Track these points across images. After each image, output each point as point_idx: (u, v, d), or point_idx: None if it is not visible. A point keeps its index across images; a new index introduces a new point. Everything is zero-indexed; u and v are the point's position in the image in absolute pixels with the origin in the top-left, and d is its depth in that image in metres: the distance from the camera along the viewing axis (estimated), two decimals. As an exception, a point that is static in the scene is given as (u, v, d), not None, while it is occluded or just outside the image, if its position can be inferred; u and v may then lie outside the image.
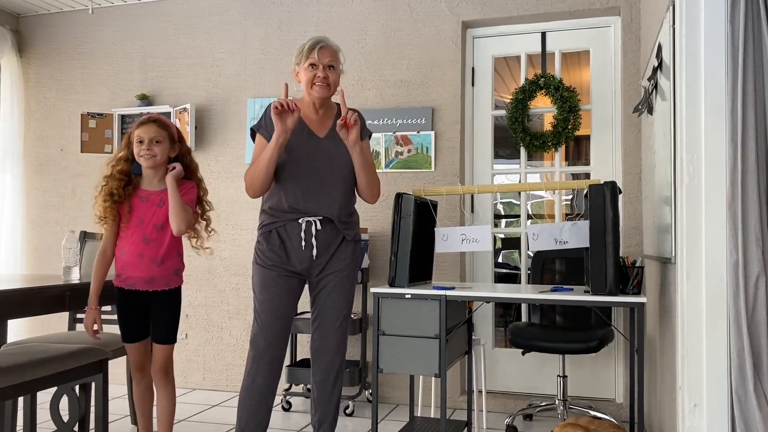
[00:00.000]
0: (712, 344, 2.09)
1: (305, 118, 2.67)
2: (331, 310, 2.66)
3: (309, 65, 2.60)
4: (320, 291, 2.68)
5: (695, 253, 2.13)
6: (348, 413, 3.86)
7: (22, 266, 4.89)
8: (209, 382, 4.52)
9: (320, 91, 2.60)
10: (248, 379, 2.59)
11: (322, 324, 2.67)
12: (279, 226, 2.62)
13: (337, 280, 2.66)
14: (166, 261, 2.67)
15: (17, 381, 2.20)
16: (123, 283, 2.67)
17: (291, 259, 2.62)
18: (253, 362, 2.58)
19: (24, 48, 5.06)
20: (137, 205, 2.65)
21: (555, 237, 2.67)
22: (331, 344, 2.67)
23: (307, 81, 2.61)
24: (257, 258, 2.65)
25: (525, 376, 4.11)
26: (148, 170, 2.67)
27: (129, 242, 2.64)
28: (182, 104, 4.62)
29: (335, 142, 2.65)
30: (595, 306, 2.57)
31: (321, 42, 2.62)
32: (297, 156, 2.60)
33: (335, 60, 2.65)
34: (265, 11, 4.54)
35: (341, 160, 2.64)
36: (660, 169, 2.79)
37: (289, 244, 2.61)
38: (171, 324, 2.72)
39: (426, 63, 4.20)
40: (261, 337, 2.59)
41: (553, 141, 4.03)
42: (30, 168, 4.99)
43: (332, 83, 2.63)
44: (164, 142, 2.65)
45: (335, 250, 2.65)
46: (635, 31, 3.84)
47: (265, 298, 2.60)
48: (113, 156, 2.70)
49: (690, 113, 2.15)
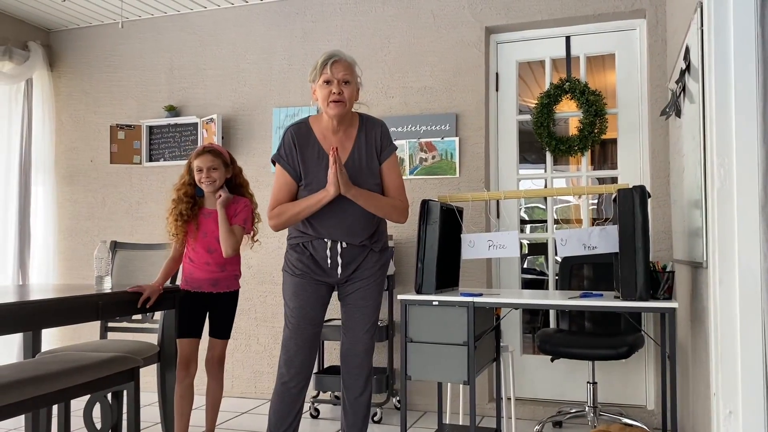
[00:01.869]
0: (746, 350, 2.06)
1: (323, 140, 2.60)
2: (359, 316, 2.66)
3: (323, 82, 2.53)
4: (348, 298, 2.68)
5: (728, 258, 2.10)
6: (376, 420, 3.86)
7: (54, 276, 4.98)
8: (237, 389, 4.55)
9: (336, 109, 2.52)
10: (279, 382, 2.62)
11: (351, 329, 2.68)
12: (306, 241, 2.63)
13: (364, 287, 2.66)
14: (227, 267, 3.11)
15: (52, 389, 2.24)
16: (190, 285, 3.08)
17: (319, 269, 2.63)
18: (284, 366, 2.61)
19: (55, 62, 5.18)
20: (202, 221, 3.08)
21: (584, 242, 2.65)
22: (359, 348, 2.66)
23: (323, 99, 2.54)
24: (287, 267, 2.67)
25: (554, 382, 4.07)
26: (209, 192, 3.09)
27: (196, 253, 3.07)
28: (209, 115, 4.68)
29: (355, 168, 2.58)
30: (626, 312, 2.54)
31: (334, 56, 2.54)
32: (312, 185, 2.56)
33: (350, 74, 2.55)
34: (289, 22, 4.59)
35: (363, 186, 2.57)
36: (689, 172, 2.75)
37: (317, 257, 2.62)
38: (228, 322, 3.13)
39: (450, 69, 4.21)
40: (292, 341, 2.61)
41: (579, 145, 4.00)
42: (61, 179, 5.09)
43: (348, 99, 2.54)
44: (220, 168, 3.06)
45: (362, 261, 2.65)
46: (661, 33, 3.81)
47: (295, 305, 2.62)
48: (178, 181, 3.13)
49: (720, 116, 2.12)
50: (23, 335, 3.23)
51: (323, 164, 2.57)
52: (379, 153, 2.64)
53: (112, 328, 3.52)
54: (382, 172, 2.63)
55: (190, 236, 3.06)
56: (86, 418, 2.73)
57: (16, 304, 2.28)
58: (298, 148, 2.58)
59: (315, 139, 2.60)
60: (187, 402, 3.06)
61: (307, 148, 2.59)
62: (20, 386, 2.11)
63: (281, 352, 2.65)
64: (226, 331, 3.13)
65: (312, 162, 2.57)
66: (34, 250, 4.94)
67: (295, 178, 2.59)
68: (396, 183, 2.64)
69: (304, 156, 2.58)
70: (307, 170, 2.57)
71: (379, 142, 2.65)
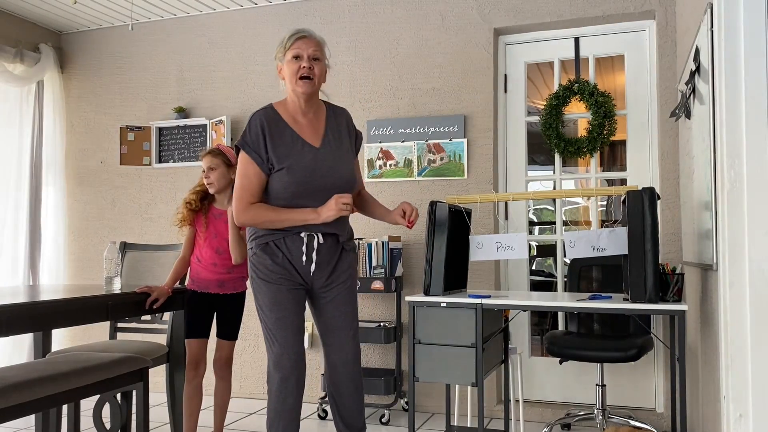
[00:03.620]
0: (757, 352, 2.04)
1: (294, 123, 2.46)
2: (342, 321, 2.51)
3: (292, 57, 2.39)
4: (328, 303, 2.51)
5: (738, 260, 2.09)
6: (384, 422, 3.86)
7: (64, 276, 5.01)
8: (246, 390, 4.56)
9: (305, 86, 2.39)
10: (277, 401, 2.41)
11: (338, 336, 2.51)
12: (278, 238, 2.43)
13: (344, 291, 2.52)
14: (234, 269, 3.09)
15: (62, 389, 2.26)
16: (196, 285, 3.08)
17: (296, 270, 2.45)
18: (281, 384, 2.40)
19: (65, 64, 5.21)
20: (212, 220, 3.08)
21: (593, 244, 2.64)
22: (350, 356, 2.51)
23: (291, 75, 2.39)
24: (259, 273, 2.44)
25: (563, 385, 4.06)
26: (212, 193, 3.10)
27: (204, 253, 3.07)
28: (218, 116, 4.70)
29: (331, 150, 2.47)
30: (635, 314, 2.53)
31: (303, 32, 2.43)
32: (297, 172, 2.39)
33: (320, 51, 2.43)
34: (298, 23, 4.60)
35: (341, 171, 2.47)
36: (699, 173, 2.74)
37: (290, 257, 2.44)
38: (236, 323, 3.14)
39: (458, 71, 4.21)
40: (285, 358, 2.40)
41: (588, 146, 3.99)
42: (71, 180, 5.12)
43: (318, 76, 2.42)
44: (218, 168, 3.04)
45: (336, 262, 2.51)
46: (671, 34, 3.79)
47: (280, 315, 2.41)
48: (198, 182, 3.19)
49: (730, 117, 2.11)
50: (34, 335, 3.25)
51: (299, 146, 2.42)
52: (353, 141, 2.57)
53: (122, 328, 3.54)
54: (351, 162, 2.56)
55: (200, 235, 3.07)
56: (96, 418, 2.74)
57: (26, 305, 2.29)
58: (268, 137, 2.41)
59: (285, 124, 2.45)
60: (196, 402, 3.07)
61: (277, 133, 2.43)
62: (30, 386, 2.13)
63: (273, 371, 2.41)
64: (233, 332, 3.13)
65: (286, 146, 2.41)
66: (45, 251, 4.97)
67: (263, 168, 2.41)
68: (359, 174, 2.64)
69: (275, 143, 2.41)
70: (280, 156, 2.40)
71: (352, 130, 2.58)
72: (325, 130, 2.50)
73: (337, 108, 2.61)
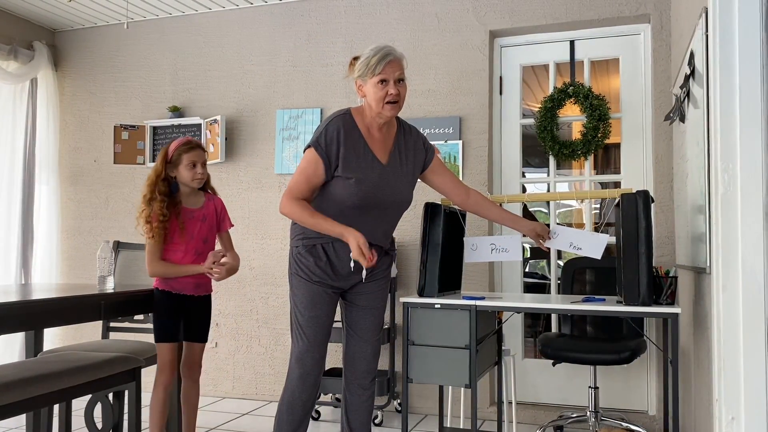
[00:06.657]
0: (749, 356, 2.05)
1: (368, 136, 2.47)
2: (372, 319, 2.61)
3: (379, 81, 2.38)
4: (361, 299, 2.60)
5: (731, 264, 2.09)
6: (377, 423, 3.85)
7: (57, 275, 4.99)
8: (238, 390, 4.55)
9: (393, 110, 2.41)
10: (292, 395, 2.49)
11: (361, 332, 2.60)
12: (326, 242, 2.46)
13: (377, 289, 2.61)
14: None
15: (53, 388, 2.25)
16: (170, 287, 2.89)
17: (337, 277, 2.50)
18: (299, 380, 2.48)
19: (59, 62, 5.19)
20: (187, 221, 2.90)
21: (571, 241, 2.67)
22: (369, 352, 2.61)
23: (377, 99, 2.39)
24: (300, 271, 2.49)
25: (555, 387, 4.07)
26: (186, 188, 2.92)
27: (184, 255, 2.89)
28: (213, 116, 4.68)
29: (394, 168, 2.50)
30: (628, 317, 2.54)
31: (390, 55, 2.40)
32: (365, 186, 2.41)
33: (403, 72, 2.44)
34: (294, 23, 4.59)
35: (402, 191, 2.52)
36: (693, 177, 2.75)
37: (336, 262, 2.48)
38: (207, 324, 3.02)
39: (453, 73, 4.21)
40: (309, 355, 2.48)
41: (582, 149, 4.00)
42: (65, 179, 5.10)
43: (403, 98, 2.45)
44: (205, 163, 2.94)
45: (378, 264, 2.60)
46: (666, 38, 3.80)
47: (313, 315, 2.48)
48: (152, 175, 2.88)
49: (724, 121, 2.11)
50: (25, 334, 3.24)
51: (369, 160, 2.44)
52: (423, 159, 2.62)
53: (114, 328, 3.53)
54: (435, 172, 2.65)
55: (176, 237, 2.88)
56: (87, 417, 2.73)
57: (18, 304, 2.28)
58: (342, 144, 2.41)
59: (359, 133, 2.45)
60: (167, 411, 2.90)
61: (351, 142, 2.43)
62: (22, 385, 2.12)
63: (295, 365, 2.49)
64: (205, 334, 3.00)
65: (358, 158, 2.43)
66: (37, 250, 4.95)
67: (327, 173, 2.42)
68: (452, 176, 2.69)
69: (347, 152, 2.41)
70: (349, 165, 2.41)
71: (422, 150, 2.61)
72: (393, 147, 2.54)
73: (409, 126, 2.64)
